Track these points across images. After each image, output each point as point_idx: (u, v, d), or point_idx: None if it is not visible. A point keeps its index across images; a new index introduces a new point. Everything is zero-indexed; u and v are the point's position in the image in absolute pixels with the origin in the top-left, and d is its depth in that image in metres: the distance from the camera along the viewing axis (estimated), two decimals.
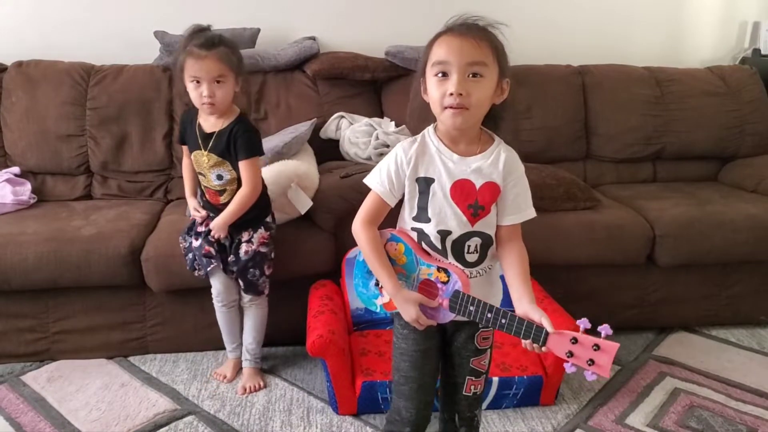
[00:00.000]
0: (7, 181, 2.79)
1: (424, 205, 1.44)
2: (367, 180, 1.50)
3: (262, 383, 2.39)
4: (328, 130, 3.02)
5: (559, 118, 3.26)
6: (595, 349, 1.26)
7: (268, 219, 2.31)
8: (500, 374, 2.19)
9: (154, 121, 3.00)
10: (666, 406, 2.29)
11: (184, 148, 2.27)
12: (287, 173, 2.49)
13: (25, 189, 2.84)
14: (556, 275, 2.63)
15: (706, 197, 2.94)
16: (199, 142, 2.16)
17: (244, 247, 2.23)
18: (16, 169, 2.90)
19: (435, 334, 1.55)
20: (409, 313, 1.44)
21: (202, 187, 2.26)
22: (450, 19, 1.42)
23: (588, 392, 2.36)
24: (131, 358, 2.56)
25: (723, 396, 2.35)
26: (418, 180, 1.44)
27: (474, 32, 1.36)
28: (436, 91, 1.36)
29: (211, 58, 2.03)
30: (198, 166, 2.21)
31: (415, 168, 1.44)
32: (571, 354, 1.28)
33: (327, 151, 2.98)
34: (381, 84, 3.24)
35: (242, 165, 2.14)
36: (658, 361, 2.59)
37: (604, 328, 1.26)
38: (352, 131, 2.93)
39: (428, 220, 1.44)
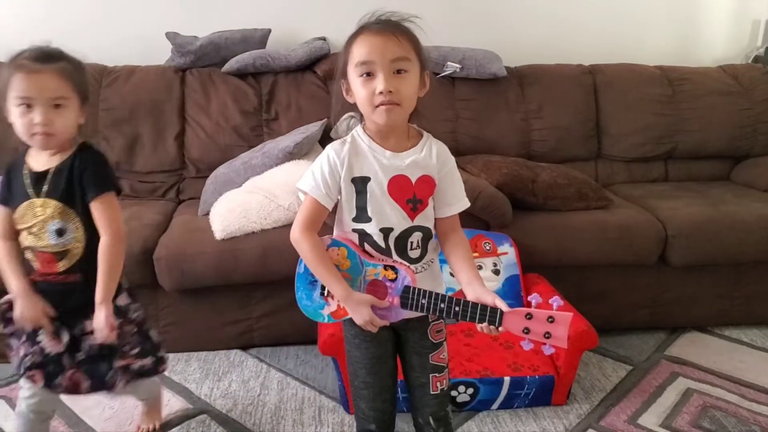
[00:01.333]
0: None
1: (363, 204, 1.43)
2: (301, 184, 1.47)
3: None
4: (339, 131, 3.02)
5: (570, 118, 3.26)
6: (550, 322, 1.29)
7: (121, 302, 1.74)
8: (512, 374, 2.18)
9: (166, 121, 3.02)
10: (679, 406, 2.28)
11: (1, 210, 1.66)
12: (298, 173, 2.49)
13: None
14: (568, 275, 2.62)
15: (719, 197, 2.93)
16: (28, 189, 1.60)
17: (86, 342, 1.68)
18: None
19: (387, 339, 1.53)
20: (362, 315, 1.41)
21: (27, 256, 1.66)
22: (363, 17, 1.41)
23: (600, 392, 2.36)
24: None
25: (736, 396, 2.34)
26: (354, 180, 1.43)
27: (392, 28, 1.36)
28: (363, 91, 1.36)
29: (48, 74, 1.53)
30: (24, 222, 1.61)
31: (349, 169, 1.42)
32: (527, 330, 1.31)
33: None
34: None
35: (96, 205, 1.62)
36: (671, 362, 2.58)
37: (555, 300, 1.30)
38: None
39: (369, 220, 1.43)
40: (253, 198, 2.50)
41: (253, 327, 2.60)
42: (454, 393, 2.13)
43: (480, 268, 1.58)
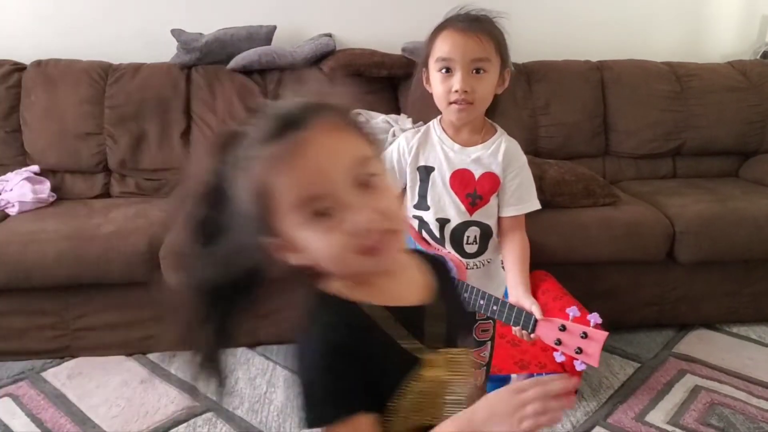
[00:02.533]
0: (27, 179, 2.81)
1: (424, 193, 1.46)
2: None
3: None
4: None
5: (577, 114, 3.24)
6: (583, 337, 1.27)
7: None
8: (518, 371, 2.18)
9: (172, 119, 3.02)
10: (686, 403, 2.27)
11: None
12: None
13: (45, 187, 2.86)
14: (576, 272, 2.61)
15: (728, 193, 2.91)
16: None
17: None
18: (35, 168, 2.92)
19: None
20: None
21: None
22: (451, 10, 1.42)
23: (607, 390, 2.35)
24: (150, 355, 2.57)
25: (744, 393, 2.33)
26: (419, 169, 1.47)
27: (476, 27, 1.38)
28: (440, 86, 1.39)
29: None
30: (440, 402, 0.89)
31: (416, 157, 1.46)
32: (559, 342, 1.30)
33: None
34: (398, 80, 3.22)
35: None
36: (679, 359, 2.57)
37: (593, 317, 1.28)
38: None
39: (427, 208, 1.46)
40: None
41: (259, 324, 2.59)
42: None
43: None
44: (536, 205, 1.51)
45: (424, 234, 1.48)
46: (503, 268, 1.59)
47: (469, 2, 1.43)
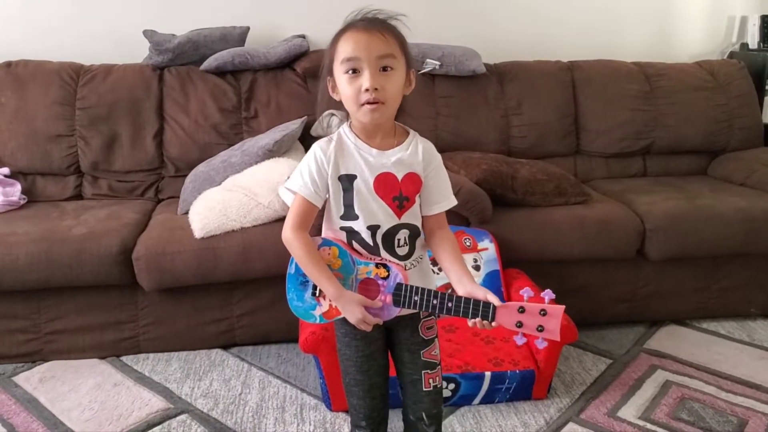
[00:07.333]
0: None
1: (350, 202, 1.43)
2: (290, 184, 1.47)
3: None
4: (319, 128, 3.02)
5: (549, 114, 3.27)
6: (542, 315, 1.29)
7: None
8: (492, 369, 2.19)
9: (144, 120, 3.00)
10: (657, 398, 2.30)
11: None
12: (278, 171, 2.50)
13: (15, 190, 2.83)
14: (547, 270, 2.63)
15: (696, 191, 2.96)
16: None
17: None
18: (5, 170, 2.88)
19: (378, 337, 1.54)
20: (354, 314, 1.41)
21: None
22: (349, 15, 1.42)
23: (580, 386, 2.37)
24: (124, 358, 2.55)
25: (714, 388, 2.37)
26: (340, 178, 1.43)
27: (378, 26, 1.36)
28: (348, 88, 1.36)
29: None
30: None
31: (336, 166, 1.42)
32: (520, 324, 1.30)
33: None
34: None
35: None
36: (650, 354, 2.60)
37: (547, 293, 1.30)
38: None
39: (356, 217, 1.42)
40: (232, 196, 2.50)
41: (234, 326, 2.59)
42: None
43: None
44: (455, 201, 1.52)
45: (355, 245, 1.45)
46: (435, 266, 1.59)
47: (367, 5, 1.41)
